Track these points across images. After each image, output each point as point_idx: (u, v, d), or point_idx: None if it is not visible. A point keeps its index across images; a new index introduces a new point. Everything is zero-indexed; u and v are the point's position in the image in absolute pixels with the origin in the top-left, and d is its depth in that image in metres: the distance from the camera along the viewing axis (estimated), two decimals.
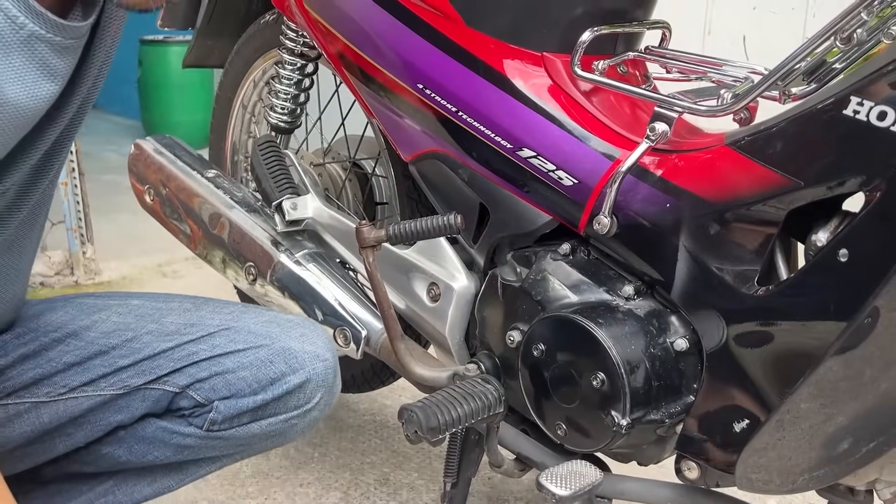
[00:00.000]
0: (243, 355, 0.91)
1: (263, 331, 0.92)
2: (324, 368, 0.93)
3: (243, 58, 1.60)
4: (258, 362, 0.90)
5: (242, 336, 0.92)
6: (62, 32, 0.73)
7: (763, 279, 0.86)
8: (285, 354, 0.91)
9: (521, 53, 1.03)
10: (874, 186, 0.73)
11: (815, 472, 0.86)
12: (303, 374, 0.91)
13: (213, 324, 0.93)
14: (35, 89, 0.73)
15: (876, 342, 0.76)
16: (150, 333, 0.92)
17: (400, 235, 1.04)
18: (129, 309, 0.94)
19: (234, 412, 0.91)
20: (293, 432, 0.95)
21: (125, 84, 4.70)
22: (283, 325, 0.94)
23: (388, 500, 1.42)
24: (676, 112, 0.91)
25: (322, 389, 0.93)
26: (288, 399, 0.91)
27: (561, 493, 0.87)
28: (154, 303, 0.96)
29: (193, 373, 0.91)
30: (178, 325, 0.93)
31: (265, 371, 0.90)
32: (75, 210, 2.39)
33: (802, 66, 0.86)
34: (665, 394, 0.92)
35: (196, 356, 0.91)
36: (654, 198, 0.93)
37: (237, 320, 0.93)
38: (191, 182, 1.42)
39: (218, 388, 0.90)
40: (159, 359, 0.91)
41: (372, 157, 1.47)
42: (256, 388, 0.90)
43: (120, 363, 0.91)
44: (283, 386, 0.91)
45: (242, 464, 1.51)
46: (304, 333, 0.94)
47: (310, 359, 0.92)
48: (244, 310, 0.96)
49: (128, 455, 0.95)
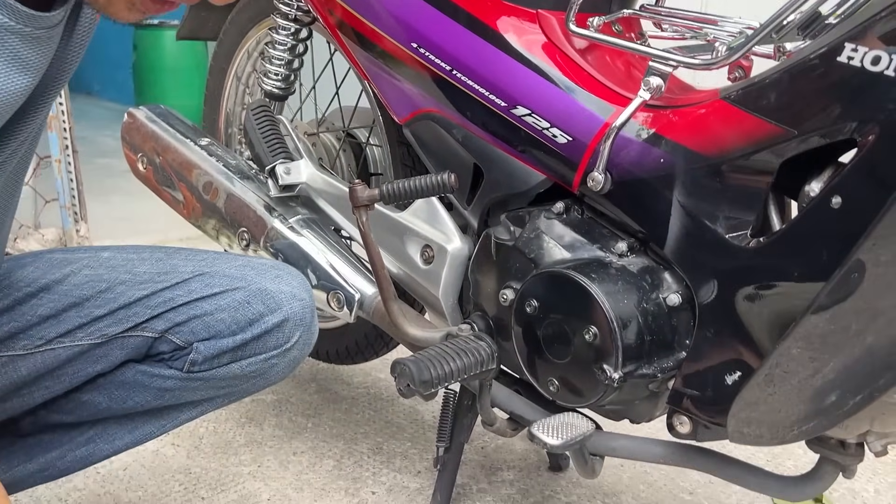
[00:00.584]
0: (220, 298, 0.91)
1: (239, 273, 0.93)
2: (301, 307, 0.94)
3: (237, 28, 1.59)
4: (236, 304, 0.91)
5: (218, 280, 0.92)
6: (32, 23, 0.71)
7: (756, 232, 0.86)
8: (262, 295, 0.92)
9: (516, 10, 1.03)
10: (868, 131, 0.73)
11: (804, 425, 0.86)
12: (281, 314, 0.92)
13: (188, 270, 0.93)
14: (6, 82, 0.71)
15: (861, 295, 0.77)
16: (124, 283, 0.92)
17: (393, 194, 1.03)
18: (100, 261, 0.93)
19: (213, 353, 0.91)
20: (273, 372, 0.95)
21: (120, 69, 4.69)
22: (258, 268, 0.95)
23: (381, 468, 1.42)
24: (671, 66, 0.91)
25: (300, 328, 0.94)
26: (267, 339, 0.92)
27: (552, 443, 0.87)
28: (125, 254, 0.95)
29: (171, 317, 0.91)
30: (151, 274, 0.93)
31: (243, 312, 0.91)
32: (69, 188, 2.38)
33: (796, 18, 0.86)
34: (657, 348, 0.92)
35: (173, 302, 0.91)
36: (648, 153, 0.93)
37: (211, 266, 0.94)
38: (184, 149, 1.42)
39: (197, 330, 0.91)
40: (136, 306, 0.91)
41: (366, 127, 1.47)
42: (235, 328, 0.91)
43: (96, 313, 0.91)
44: (261, 325, 0.91)
45: (235, 432, 1.51)
46: (279, 275, 0.95)
47: (287, 298, 0.93)
48: (217, 256, 0.97)
49: (108, 401, 0.95)
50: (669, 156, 0.91)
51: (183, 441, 1.47)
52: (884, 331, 0.80)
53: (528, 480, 1.40)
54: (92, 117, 4.52)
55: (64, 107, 2.33)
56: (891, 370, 0.83)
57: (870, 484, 1.43)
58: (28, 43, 0.72)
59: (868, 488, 1.42)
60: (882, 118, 0.72)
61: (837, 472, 0.93)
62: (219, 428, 1.52)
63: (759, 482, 0.97)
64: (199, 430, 1.51)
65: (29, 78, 0.74)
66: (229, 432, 1.51)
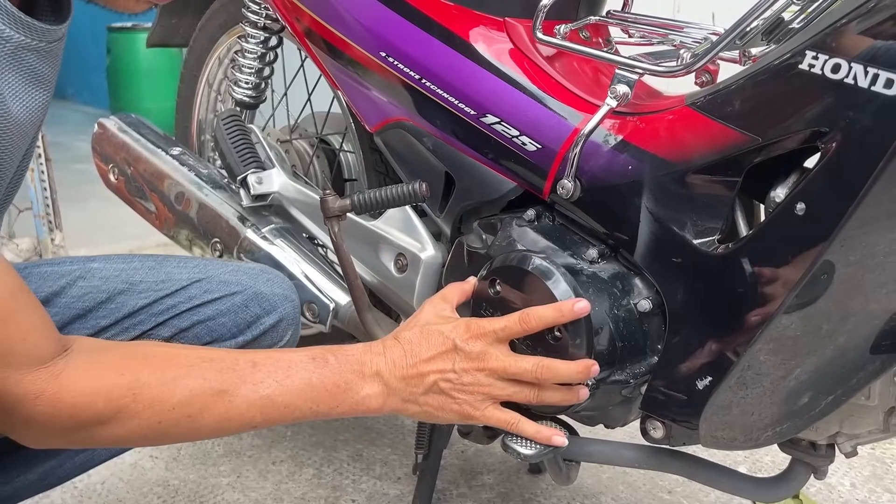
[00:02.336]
0: (220, 303, 0.95)
1: (234, 279, 0.97)
2: (292, 308, 1.00)
3: (208, 35, 1.58)
4: (235, 308, 0.95)
5: (215, 286, 0.95)
6: (45, 37, 0.72)
7: (724, 238, 0.87)
8: (258, 298, 0.97)
9: (483, 19, 1.03)
10: (829, 138, 0.74)
11: (777, 427, 0.87)
12: (276, 315, 0.98)
13: (183, 277, 0.95)
14: (30, 101, 0.72)
15: (831, 296, 0.77)
16: (124, 293, 0.93)
17: (365, 204, 1.03)
18: (93, 273, 0.93)
19: None
20: None
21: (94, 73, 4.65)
22: (250, 273, 0.99)
23: (361, 475, 1.42)
24: (637, 73, 0.91)
25: (292, 327, 1.00)
26: (263, 339, 0.97)
27: (526, 452, 0.87)
28: (115, 264, 0.96)
29: (176, 324, 0.93)
30: (148, 283, 0.94)
31: (242, 315, 0.95)
32: (42, 196, 2.36)
33: (760, 24, 0.86)
34: (630, 354, 0.93)
35: (176, 309, 0.93)
36: (617, 160, 0.93)
37: (204, 272, 0.96)
38: (155, 160, 1.41)
39: (201, 335, 0.94)
40: (140, 315, 0.92)
41: (339, 133, 1.46)
42: (236, 331, 0.95)
43: (101, 324, 0.91)
44: (259, 327, 0.96)
45: (214, 443, 1.50)
46: (270, 278, 1.00)
47: (280, 300, 0.98)
48: (206, 262, 0.99)
49: None
50: (637, 163, 0.92)
51: (161, 453, 1.47)
52: (853, 332, 0.81)
53: (508, 484, 1.41)
54: (67, 122, 4.48)
55: None
56: (861, 371, 0.84)
57: (846, 478, 1.45)
58: (43, 58, 0.73)
59: (844, 482, 1.44)
60: (843, 125, 0.72)
61: (809, 473, 0.94)
62: None
63: (733, 484, 0.98)
64: None
65: (46, 93, 0.75)
66: (208, 443, 1.51)
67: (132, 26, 4.07)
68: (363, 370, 0.83)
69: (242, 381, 0.78)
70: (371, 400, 0.84)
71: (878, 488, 1.42)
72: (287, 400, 0.79)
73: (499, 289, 0.93)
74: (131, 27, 4.07)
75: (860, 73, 0.71)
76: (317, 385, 0.81)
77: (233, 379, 0.77)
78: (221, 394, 0.76)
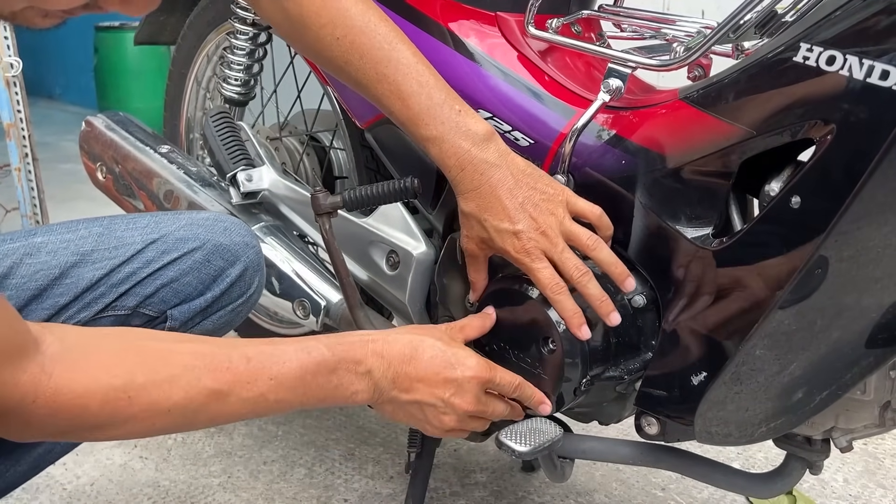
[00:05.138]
0: (181, 262, 0.92)
1: (190, 234, 0.94)
2: (255, 254, 0.98)
3: (196, 32, 1.57)
4: (197, 265, 0.93)
5: (172, 244, 0.92)
6: None
7: (718, 232, 0.86)
8: (220, 251, 0.94)
9: (474, 13, 1.02)
10: (824, 130, 0.73)
11: (771, 423, 0.87)
12: (240, 265, 0.95)
13: (137, 240, 0.92)
14: None
15: (825, 291, 0.77)
16: (77, 266, 0.89)
17: (356, 201, 1.02)
18: (38, 248, 0.89)
19: (188, 315, 0.92)
20: (238, 319, 0.99)
21: (82, 73, 4.62)
22: (205, 225, 0.95)
23: (353, 475, 1.41)
24: (630, 67, 0.91)
25: (258, 273, 0.99)
26: (232, 290, 0.95)
27: (520, 449, 0.87)
28: (60, 235, 0.91)
29: (139, 291, 0.90)
30: (101, 252, 0.90)
31: (206, 270, 0.93)
32: (30, 196, 2.33)
33: (753, 17, 0.86)
34: (624, 350, 0.92)
35: (136, 276, 0.90)
36: (610, 155, 0.93)
37: (157, 230, 0.93)
38: (144, 158, 1.39)
39: (167, 298, 0.91)
40: (99, 287, 0.89)
41: (329, 130, 1.45)
42: (202, 288, 0.93)
43: (61, 302, 0.87)
44: (226, 280, 0.94)
45: (205, 443, 1.49)
46: (227, 227, 0.96)
47: (241, 248, 0.96)
48: (157, 219, 0.95)
49: None
50: (630, 157, 0.91)
51: (151, 453, 1.45)
52: (848, 327, 0.81)
53: (502, 482, 1.40)
54: (54, 122, 4.45)
55: (23, 114, 2.29)
56: (856, 366, 0.84)
57: (839, 474, 1.45)
58: None
59: (837, 478, 1.44)
60: (838, 117, 0.72)
61: (805, 469, 0.94)
62: (187, 439, 1.51)
63: (728, 480, 0.97)
64: (168, 441, 1.49)
65: None
66: (198, 443, 1.49)
67: (120, 25, 4.04)
68: (357, 369, 0.83)
69: (237, 380, 0.77)
70: (359, 396, 0.84)
71: (871, 484, 1.42)
72: (279, 396, 0.79)
73: None
74: (119, 26, 4.05)
75: (855, 65, 0.70)
76: (310, 383, 0.80)
77: (227, 378, 0.76)
78: (216, 393, 0.76)
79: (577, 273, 0.88)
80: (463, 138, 0.89)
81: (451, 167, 0.91)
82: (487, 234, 0.90)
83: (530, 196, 0.88)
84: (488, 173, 0.89)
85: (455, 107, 0.91)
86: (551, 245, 0.88)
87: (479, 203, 0.90)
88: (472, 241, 0.94)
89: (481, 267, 0.96)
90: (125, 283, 0.90)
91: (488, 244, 0.91)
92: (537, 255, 0.88)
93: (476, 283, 0.98)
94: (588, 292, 0.88)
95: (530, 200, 0.88)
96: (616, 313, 0.88)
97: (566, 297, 0.88)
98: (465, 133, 0.89)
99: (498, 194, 0.88)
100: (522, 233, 0.88)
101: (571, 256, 0.88)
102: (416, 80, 0.90)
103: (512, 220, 0.88)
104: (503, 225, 0.88)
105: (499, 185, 0.88)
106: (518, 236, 0.88)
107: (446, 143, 0.90)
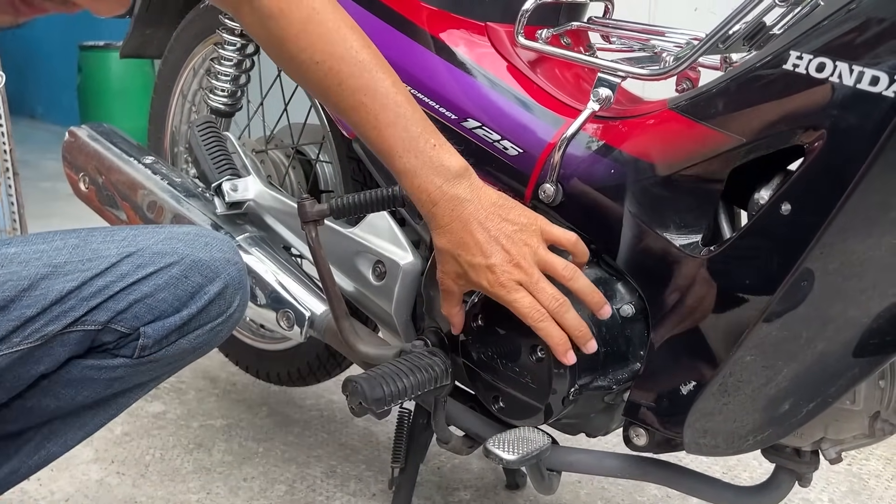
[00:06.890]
0: (157, 277, 0.87)
1: (168, 248, 0.89)
2: (237, 271, 0.93)
3: (182, 45, 1.56)
4: (174, 280, 0.88)
5: (148, 258, 0.88)
6: None
7: (707, 241, 0.86)
8: (198, 266, 0.89)
9: (464, 23, 1.03)
10: (814, 137, 0.74)
11: (759, 434, 0.86)
12: (220, 282, 0.90)
13: (112, 253, 0.88)
14: None
15: (811, 303, 0.77)
16: (47, 277, 0.85)
17: (343, 208, 1.02)
18: (10, 258, 0.86)
19: (162, 334, 0.88)
20: (218, 339, 0.95)
21: (64, 91, 4.60)
22: (185, 239, 0.91)
23: (335, 492, 1.38)
24: (619, 77, 0.91)
25: (240, 292, 0.93)
26: (210, 308, 0.90)
27: (508, 458, 0.85)
28: (34, 246, 0.88)
29: (111, 306, 0.86)
30: (74, 264, 0.87)
31: (183, 287, 0.88)
32: (10, 211, 2.31)
33: (742, 28, 0.87)
34: (612, 360, 0.91)
35: (108, 290, 0.86)
36: (599, 164, 0.93)
37: (135, 244, 0.89)
38: (128, 168, 1.38)
39: (140, 314, 0.87)
40: (69, 300, 0.85)
41: (316, 143, 1.45)
42: (178, 305, 0.88)
43: (27, 314, 0.84)
44: (203, 297, 0.89)
45: (183, 459, 1.46)
46: (208, 242, 0.92)
47: (222, 265, 0.91)
48: (136, 233, 0.92)
49: (55, 402, 0.89)
50: (619, 166, 0.91)
51: (128, 469, 1.42)
52: (834, 338, 0.81)
53: (485, 500, 1.38)
54: (35, 141, 4.42)
55: (4, 128, 2.27)
56: (842, 377, 0.83)
57: (824, 493, 1.44)
58: None
59: (822, 497, 1.43)
60: (828, 124, 0.72)
61: (794, 481, 0.93)
62: (166, 455, 1.48)
63: (716, 493, 0.97)
64: (146, 457, 1.46)
65: None
66: (177, 459, 1.46)
67: (104, 45, 4.03)
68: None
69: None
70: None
71: None
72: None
73: None
74: (103, 45, 4.03)
75: (845, 72, 0.71)
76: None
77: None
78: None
79: (553, 304, 0.87)
80: (436, 174, 0.88)
81: (423, 202, 0.89)
82: (462, 270, 0.89)
83: (503, 228, 0.88)
84: (459, 208, 0.88)
85: (430, 141, 0.89)
86: (526, 276, 0.87)
87: (451, 238, 0.89)
88: (448, 276, 0.92)
89: (457, 301, 0.95)
90: (96, 297, 0.86)
91: (464, 279, 0.90)
92: (513, 286, 0.86)
93: (453, 318, 0.96)
94: (566, 323, 0.87)
95: (503, 232, 0.87)
96: (594, 342, 0.87)
97: (549, 323, 0.86)
98: (437, 168, 0.88)
99: (470, 229, 0.87)
100: (496, 266, 0.87)
101: (547, 286, 0.87)
102: (394, 111, 0.89)
103: (485, 254, 0.87)
104: (476, 259, 0.87)
105: (470, 220, 0.88)
106: (492, 270, 0.87)
107: (419, 178, 0.89)
